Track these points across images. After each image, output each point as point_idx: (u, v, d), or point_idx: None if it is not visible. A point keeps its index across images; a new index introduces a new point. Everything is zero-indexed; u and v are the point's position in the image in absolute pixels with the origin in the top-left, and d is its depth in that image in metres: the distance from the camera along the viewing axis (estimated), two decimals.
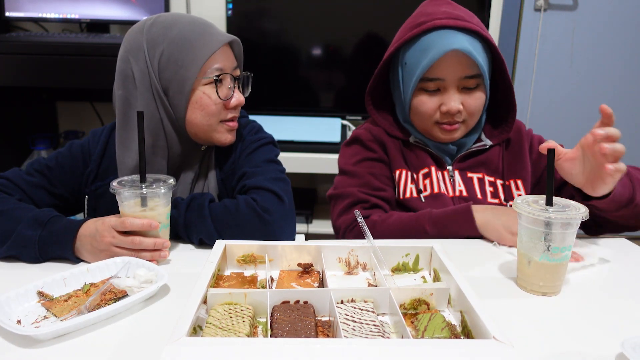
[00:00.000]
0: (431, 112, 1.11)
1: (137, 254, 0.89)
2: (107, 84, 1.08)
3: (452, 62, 1.07)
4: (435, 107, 1.11)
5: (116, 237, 0.89)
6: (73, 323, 0.67)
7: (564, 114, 2.72)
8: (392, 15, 2.21)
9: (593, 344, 0.69)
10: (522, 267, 0.84)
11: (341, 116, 2.38)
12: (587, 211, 0.79)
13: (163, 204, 0.93)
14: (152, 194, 0.90)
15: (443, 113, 1.10)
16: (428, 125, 1.14)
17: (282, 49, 2.38)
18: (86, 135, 1.17)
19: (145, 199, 0.90)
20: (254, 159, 1.11)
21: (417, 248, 0.88)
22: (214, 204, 1.01)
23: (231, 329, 0.64)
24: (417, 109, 1.13)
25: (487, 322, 0.62)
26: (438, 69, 1.07)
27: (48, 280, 0.79)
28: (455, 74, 1.08)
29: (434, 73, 1.08)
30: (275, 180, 1.05)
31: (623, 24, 2.59)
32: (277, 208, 0.99)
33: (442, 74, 1.08)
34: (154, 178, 0.94)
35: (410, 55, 1.11)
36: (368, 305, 0.72)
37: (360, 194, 1.14)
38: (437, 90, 1.10)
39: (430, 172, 1.17)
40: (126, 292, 0.78)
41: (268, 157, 1.13)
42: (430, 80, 1.09)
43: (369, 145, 1.20)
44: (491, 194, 1.17)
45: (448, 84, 1.09)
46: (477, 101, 1.11)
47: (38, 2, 2.20)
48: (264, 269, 0.85)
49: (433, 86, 1.10)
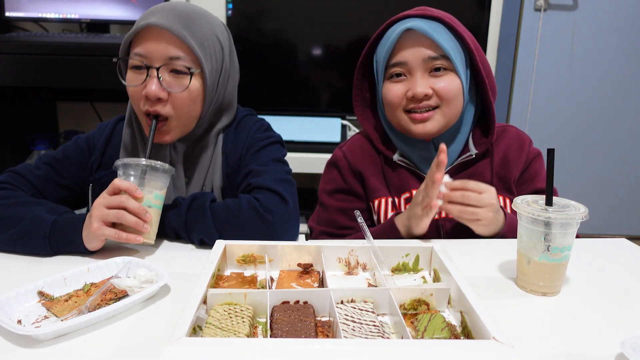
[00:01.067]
0: (398, 100, 1.08)
1: (119, 212, 0.90)
2: (107, 84, 1.09)
3: (412, 44, 1.05)
4: (402, 93, 1.08)
5: (105, 197, 0.91)
6: (73, 323, 0.67)
7: (564, 114, 2.72)
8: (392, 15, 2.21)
9: (593, 344, 0.69)
10: (522, 267, 0.84)
11: (341, 116, 2.39)
12: (587, 211, 0.80)
13: (159, 186, 0.96)
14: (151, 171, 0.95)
15: (409, 99, 1.07)
16: (399, 117, 1.10)
17: (282, 49, 2.38)
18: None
19: (144, 176, 0.94)
20: (261, 157, 1.11)
21: (417, 248, 0.88)
22: (216, 203, 1.01)
23: (231, 329, 0.64)
24: (385, 97, 1.10)
25: (487, 322, 0.62)
26: (399, 52, 1.06)
27: (48, 280, 0.79)
28: (417, 55, 1.05)
29: (396, 57, 1.07)
30: (281, 181, 1.04)
31: (623, 24, 2.59)
32: (280, 209, 0.99)
33: (403, 56, 1.06)
34: (154, 163, 0.96)
35: (378, 48, 1.12)
36: (368, 306, 0.72)
37: (323, 234, 1.17)
38: (404, 76, 1.08)
39: (412, 196, 1.12)
40: (126, 292, 0.78)
41: (275, 156, 1.13)
42: (393, 65, 1.07)
43: (345, 175, 1.18)
44: None
45: (412, 68, 1.06)
46: (449, 84, 1.06)
47: (38, 2, 2.20)
48: (264, 269, 0.85)
49: (398, 70, 1.07)
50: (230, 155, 1.14)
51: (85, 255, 0.93)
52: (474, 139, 1.15)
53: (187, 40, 0.99)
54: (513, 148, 1.16)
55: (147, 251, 0.97)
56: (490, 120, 1.12)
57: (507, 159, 1.15)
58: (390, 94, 1.09)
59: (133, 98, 1.03)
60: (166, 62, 0.99)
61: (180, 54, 1.00)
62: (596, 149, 2.77)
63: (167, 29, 0.97)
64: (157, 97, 0.99)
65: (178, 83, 1.01)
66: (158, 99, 1.00)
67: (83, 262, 0.91)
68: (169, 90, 1.00)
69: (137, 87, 1.01)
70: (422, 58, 1.05)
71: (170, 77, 1.01)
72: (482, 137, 1.14)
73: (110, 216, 0.90)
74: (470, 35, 1.09)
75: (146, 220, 0.92)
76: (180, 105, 1.02)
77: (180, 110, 1.02)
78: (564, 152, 2.74)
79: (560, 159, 2.63)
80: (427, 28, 1.04)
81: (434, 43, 1.04)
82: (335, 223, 1.17)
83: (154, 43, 0.99)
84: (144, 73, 1.00)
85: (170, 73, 1.01)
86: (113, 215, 0.90)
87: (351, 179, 1.18)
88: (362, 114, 1.22)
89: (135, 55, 1.00)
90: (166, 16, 0.99)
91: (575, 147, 2.77)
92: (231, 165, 1.13)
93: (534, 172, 1.15)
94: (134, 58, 1.01)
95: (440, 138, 1.12)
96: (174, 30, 0.98)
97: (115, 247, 0.97)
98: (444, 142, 1.11)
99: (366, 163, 1.18)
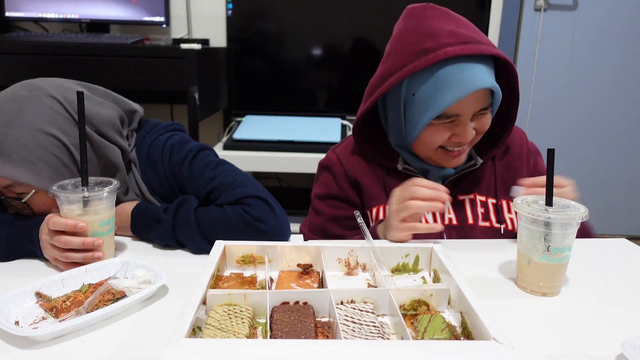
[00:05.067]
0: (441, 142, 1.03)
1: (65, 253, 0.85)
2: (107, 84, 1.08)
3: (473, 99, 0.97)
4: (447, 137, 1.02)
5: (48, 234, 0.86)
6: (71, 324, 0.67)
7: (564, 114, 2.72)
8: (392, 15, 2.21)
9: (593, 344, 0.69)
10: (522, 267, 0.84)
11: (341, 116, 2.39)
12: (587, 211, 0.79)
13: (105, 211, 0.88)
14: (94, 196, 0.86)
15: (455, 142, 1.02)
16: (433, 152, 1.05)
17: (281, 49, 2.38)
18: None
19: (87, 202, 0.85)
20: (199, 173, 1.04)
21: (417, 249, 0.88)
22: (202, 216, 0.96)
23: (230, 330, 0.64)
24: (427, 139, 1.03)
25: (488, 323, 0.62)
26: (457, 106, 0.97)
27: (46, 281, 0.78)
28: (473, 108, 0.99)
29: (452, 111, 0.98)
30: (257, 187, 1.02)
31: (623, 24, 2.59)
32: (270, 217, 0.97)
33: (461, 110, 0.98)
34: (95, 181, 0.90)
35: (423, 88, 0.98)
36: (368, 306, 0.72)
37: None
38: (453, 122, 1.01)
39: None
40: (124, 293, 0.78)
41: (214, 160, 1.07)
42: (446, 117, 0.99)
43: (339, 181, 1.13)
44: (482, 216, 1.10)
45: (464, 117, 1.00)
46: (487, 122, 1.03)
47: (38, 2, 2.20)
48: (264, 269, 0.85)
49: (448, 121, 1.00)
50: (153, 183, 1.07)
51: None
52: (478, 149, 1.12)
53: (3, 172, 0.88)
54: (513, 146, 1.15)
55: (146, 252, 0.97)
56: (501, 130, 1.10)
57: (509, 160, 1.14)
58: (436, 137, 1.02)
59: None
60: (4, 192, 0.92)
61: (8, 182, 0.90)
62: (596, 149, 2.77)
63: None
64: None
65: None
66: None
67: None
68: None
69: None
70: (477, 110, 1.00)
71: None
72: (486, 146, 1.12)
73: (60, 257, 0.85)
74: (513, 68, 1.03)
75: (96, 249, 0.86)
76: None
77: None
78: (564, 152, 2.74)
79: (560, 159, 2.62)
80: (493, 81, 0.97)
81: (489, 92, 1.00)
82: (327, 231, 1.13)
83: None
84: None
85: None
86: (61, 257, 0.85)
87: (345, 185, 1.13)
88: (358, 131, 1.13)
89: None
90: None
91: (575, 147, 2.77)
92: (160, 190, 1.07)
93: (539, 172, 1.13)
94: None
95: None
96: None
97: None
98: None
99: (364, 170, 1.13)
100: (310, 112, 2.41)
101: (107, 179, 0.92)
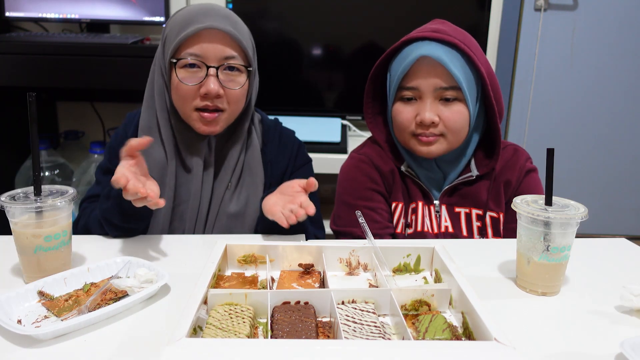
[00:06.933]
0: (407, 123, 1.09)
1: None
2: (107, 84, 1.09)
3: (426, 71, 1.05)
4: (411, 116, 1.08)
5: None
6: (73, 323, 0.67)
7: (564, 114, 2.72)
8: (392, 15, 2.22)
9: (593, 344, 0.69)
10: (522, 267, 0.84)
11: (341, 116, 2.38)
12: (586, 211, 0.80)
13: (64, 217, 0.83)
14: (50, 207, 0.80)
15: (417, 123, 1.08)
16: (406, 137, 1.12)
17: (282, 49, 2.38)
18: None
19: (40, 214, 0.80)
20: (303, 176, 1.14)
21: (419, 249, 0.88)
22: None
23: (231, 330, 0.64)
24: (395, 118, 1.12)
25: (489, 323, 0.63)
26: (412, 77, 1.06)
27: (49, 279, 0.79)
28: (429, 83, 1.05)
29: (409, 81, 1.07)
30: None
31: (623, 24, 2.59)
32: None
33: (416, 82, 1.06)
34: (50, 190, 0.85)
35: (393, 65, 1.12)
36: (369, 306, 0.72)
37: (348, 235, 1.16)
38: (415, 100, 1.08)
39: (417, 208, 1.15)
40: (126, 292, 0.78)
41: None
42: (406, 88, 1.08)
43: (371, 175, 1.18)
44: (478, 230, 1.14)
45: (423, 94, 1.07)
46: (456, 115, 1.06)
47: (38, 2, 2.20)
48: (265, 269, 0.85)
49: (409, 94, 1.08)
50: (274, 166, 1.19)
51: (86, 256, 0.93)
52: (477, 160, 1.15)
53: (241, 41, 1.06)
54: (509, 166, 1.16)
55: (147, 251, 0.97)
56: (495, 142, 1.12)
57: (502, 179, 1.15)
58: (400, 116, 1.10)
59: (185, 96, 1.06)
60: (222, 61, 1.05)
61: (234, 54, 1.06)
62: (596, 149, 2.77)
63: (224, 30, 1.03)
64: (217, 94, 1.04)
65: (233, 80, 1.07)
66: (217, 96, 1.04)
67: (83, 262, 0.91)
68: (226, 87, 1.06)
69: (192, 86, 1.04)
70: (434, 87, 1.06)
71: (224, 75, 1.06)
72: (485, 158, 1.14)
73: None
74: (485, 60, 1.09)
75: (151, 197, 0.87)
76: (233, 100, 1.08)
77: (233, 105, 1.09)
78: (564, 152, 2.74)
79: (560, 158, 2.62)
80: (443, 56, 1.03)
81: (447, 73, 1.04)
82: (371, 220, 1.13)
83: (209, 44, 1.04)
84: (198, 72, 1.04)
85: (224, 71, 1.06)
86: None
87: (376, 176, 1.18)
88: (372, 121, 1.22)
89: (189, 56, 1.04)
90: (219, 19, 1.04)
91: (575, 147, 2.77)
92: (275, 176, 1.18)
93: (524, 189, 1.14)
94: (188, 58, 1.04)
95: (444, 159, 1.14)
96: (230, 32, 1.04)
97: (115, 247, 0.97)
98: (447, 162, 1.14)
99: (386, 167, 1.18)
100: (310, 112, 2.41)
101: (63, 187, 0.86)
